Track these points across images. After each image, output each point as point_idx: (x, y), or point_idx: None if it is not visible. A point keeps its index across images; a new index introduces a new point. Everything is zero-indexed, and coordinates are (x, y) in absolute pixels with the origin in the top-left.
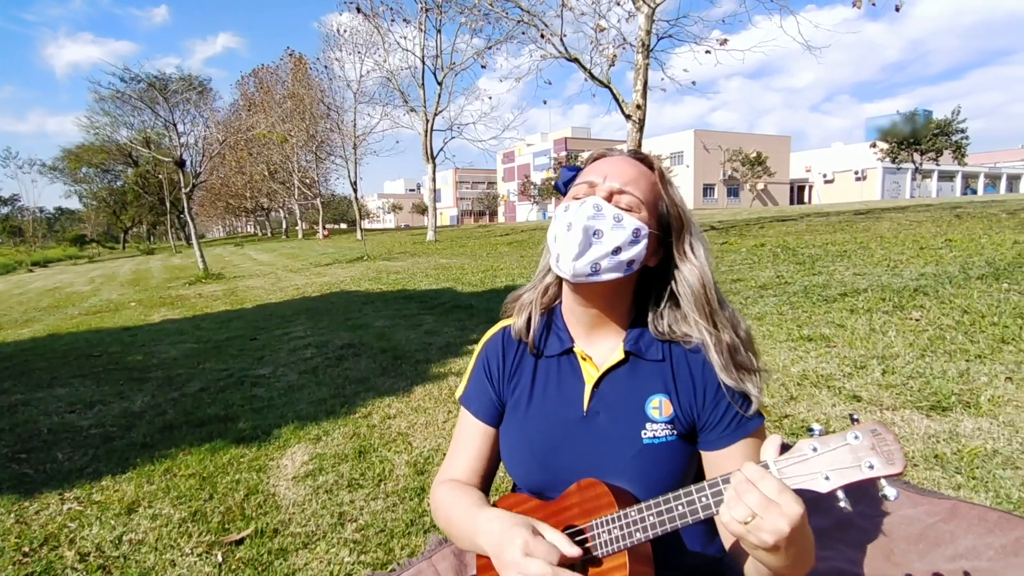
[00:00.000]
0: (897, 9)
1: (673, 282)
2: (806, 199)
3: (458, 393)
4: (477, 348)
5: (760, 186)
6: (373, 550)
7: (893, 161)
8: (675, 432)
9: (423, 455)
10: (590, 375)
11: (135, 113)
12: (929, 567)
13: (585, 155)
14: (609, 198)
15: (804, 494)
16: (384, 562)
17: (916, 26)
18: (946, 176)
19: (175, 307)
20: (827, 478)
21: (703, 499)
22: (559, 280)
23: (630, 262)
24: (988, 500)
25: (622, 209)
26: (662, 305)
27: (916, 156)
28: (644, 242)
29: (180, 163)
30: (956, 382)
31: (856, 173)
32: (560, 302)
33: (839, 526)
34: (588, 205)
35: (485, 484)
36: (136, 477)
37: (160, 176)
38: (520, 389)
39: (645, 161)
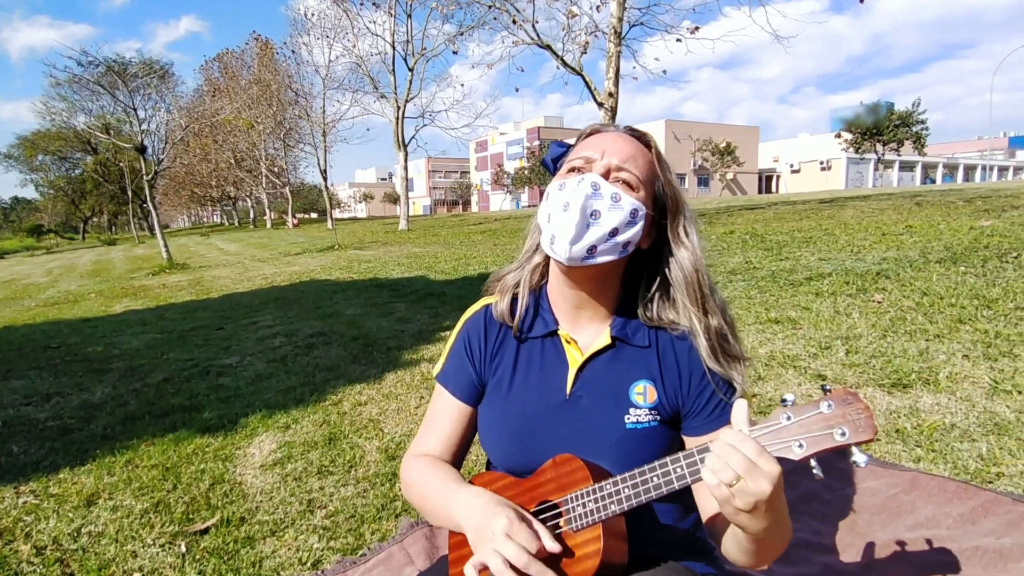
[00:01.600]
0: (861, 0)
1: (665, 266)
2: (774, 188)
3: (435, 370)
4: (457, 325)
5: (730, 176)
6: (343, 536)
7: (857, 151)
8: (658, 418)
9: (394, 441)
10: (574, 359)
11: (93, 98)
12: (891, 536)
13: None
14: (607, 175)
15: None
16: (354, 547)
17: (879, 20)
18: (907, 166)
19: (138, 298)
20: (800, 446)
21: (678, 470)
22: (546, 261)
23: (626, 244)
24: (947, 471)
25: (620, 187)
26: (652, 290)
27: (878, 147)
28: (641, 223)
29: (141, 149)
30: (916, 360)
31: (821, 163)
32: (546, 283)
33: (804, 499)
34: (586, 183)
35: (457, 461)
36: (96, 469)
37: (121, 164)
38: (502, 370)
39: (642, 139)
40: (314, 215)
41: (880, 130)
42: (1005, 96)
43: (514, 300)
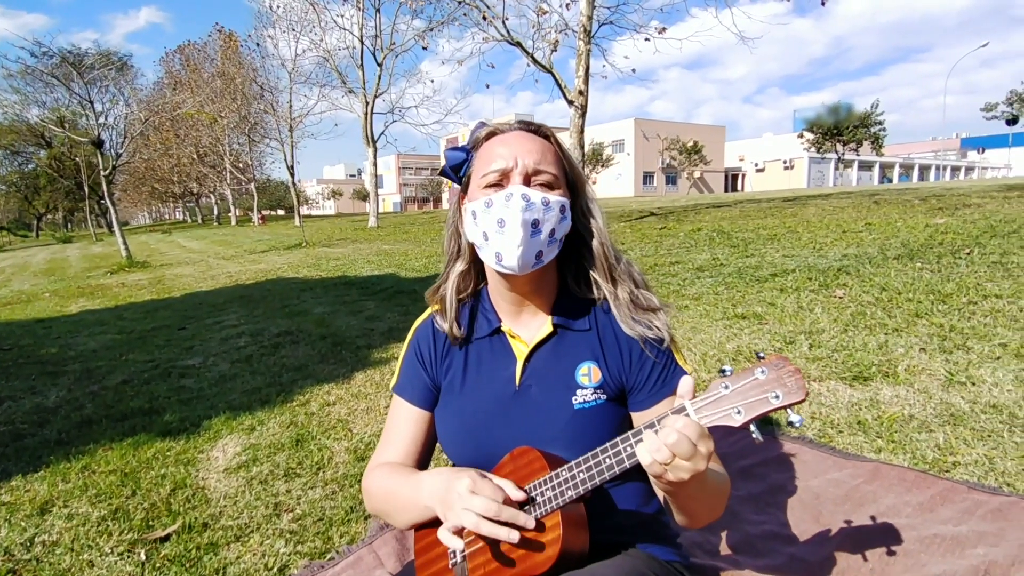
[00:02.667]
0: (823, 3)
1: (580, 245)
2: (739, 187)
3: (392, 384)
4: (408, 337)
5: (697, 174)
6: (311, 539)
7: (818, 151)
8: (604, 396)
9: (363, 441)
10: (520, 351)
11: (48, 90)
12: (854, 525)
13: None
14: (527, 181)
15: (720, 431)
16: (323, 551)
17: (840, 23)
18: (865, 166)
19: (95, 297)
20: (739, 412)
21: (628, 449)
22: (472, 267)
23: (561, 239)
24: (906, 461)
25: (544, 190)
26: (575, 269)
27: (839, 147)
28: (569, 215)
29: (98, 143)
30: (876, 354)
31: (784, 162)
32: (484, 286)
33: (771, 491)
34: (516, 198)
35: (421, 468)
36: (50, 476)
37: (77, 159)
38: (453, 371)
39: (540, 132)
40: (281, 212)
41: (840, 130)
42: (957, 99)
43: (456, 311)
